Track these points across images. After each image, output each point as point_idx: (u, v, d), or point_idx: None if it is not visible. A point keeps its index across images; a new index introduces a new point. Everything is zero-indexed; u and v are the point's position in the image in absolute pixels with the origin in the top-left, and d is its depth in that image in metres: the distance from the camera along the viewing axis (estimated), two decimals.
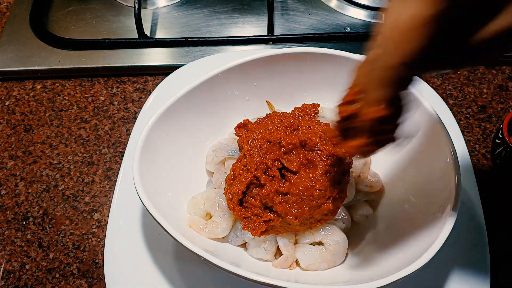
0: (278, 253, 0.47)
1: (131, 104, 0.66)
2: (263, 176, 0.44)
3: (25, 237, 0.55)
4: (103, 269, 0.49)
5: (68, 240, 0.55)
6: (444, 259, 0.48)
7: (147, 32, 0.71)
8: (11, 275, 0.53)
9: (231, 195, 0.45)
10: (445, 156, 0.44)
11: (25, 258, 0.54)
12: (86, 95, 0.67)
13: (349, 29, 0.71)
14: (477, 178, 0.53)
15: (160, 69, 0.68)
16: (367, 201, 0.51)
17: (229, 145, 0.51)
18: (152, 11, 0.75)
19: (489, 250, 0.49)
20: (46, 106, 0.66)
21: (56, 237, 0.55)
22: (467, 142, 0.55)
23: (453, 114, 0.58)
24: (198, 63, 0.64)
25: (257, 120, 0.51)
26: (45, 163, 0.61)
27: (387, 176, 0.52)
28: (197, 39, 0.69)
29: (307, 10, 0.74)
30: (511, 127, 0.54)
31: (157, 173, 0.47)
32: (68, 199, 0.58)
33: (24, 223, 0.56)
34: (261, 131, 0.47)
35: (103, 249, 0.50)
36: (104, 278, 0.49)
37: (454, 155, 0.43)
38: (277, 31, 0.71)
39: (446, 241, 0.39)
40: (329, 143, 0.45)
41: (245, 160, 0.45)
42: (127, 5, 0.75)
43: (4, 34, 0.71)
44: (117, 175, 0.55)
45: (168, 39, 0.70)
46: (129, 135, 0.61)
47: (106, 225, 0.53)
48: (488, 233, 0.50)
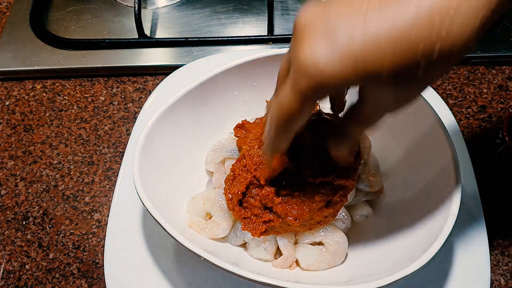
0: (278, 253, 0.47)
1: (131, 104, 0.66)
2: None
3: (25, 237, 0.55)
4: (103, 269, 0.49)
5: (68, 240, 0.55)
6: (444, 259, 0.48)
7: (147, 32, 0.71)
8: (11, 275, 0.53)
9: (230, 196, 0.45)
10: (445, 156, 0.44)
11: (25, 258, 0.54)
12: (86, 95, 0.67)
13: None
14: (477, 178, 0.53)
15: (160, 69, 0.68)
16: (367, 201, 0.51)
17: (229, 145, 0.51)
18: (152, 11, 0.75)
19: (489, 250, 0.49)
20: (46, 106, 0.66)
21: (56, 237, 0.55)
22: (467, 142, 0.55)
23: (453, 114, 0.58)
24: (198, 63, 0.64)
25: (255, 120, 0.51)
26: (45, 163, 0.61)
27: (387, 176, 0.52)
28: (197, 39, 0.69)
29: None
30: (511, 127, 0.54)
31: (157, 173, 0.47)
32: (68, 199, 0.58)
33: (24, 223, 0.56)
34: (260, 131, 0.47)
35: (103, 249, 0.50)
36: (104, 278, 0.49)
37: (454, 155, 0.43)
38: (277, 31, 0.71)
39: (446, 241, 0.39)
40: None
41: (245, 160, 0.45)
42: (127, 5, 0.75)
43: (4, 34, 0.71)
44: (117, 175, 0.55)
45: (168, 39, 0.70)
46: (129, 135, 0.61)
47: (106, 225, 0.53)
48: (488, 233, 0.50)
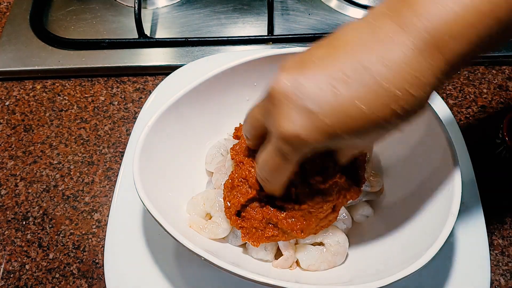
0: (278, 253, 0.47)
1: (131, 104, 0.66)
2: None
3: (25, 237, 0.55)
4: (103, 269, 0.49)
5: (68, 240, 0.55)
6: (444, 259, 0.48)
7: (147, 32, 0.71)
8: (11, 275, 0.53)
9: (229, 204, 0.44)
10: (445, 156, 0.44)
11: (25, 258, 0.54)
12: (86, 95, 0.67)
13: None
14: (477, 178, 0.53)
15: (160, 69, 0.68)
16: (367, 201, 0.51)
17: (229, 145, 0.51)
18: (152, 11, 0.75)
19: (489, 250, 0.49)
20: (46, 106, 0.66)
21: (56, 237, 0.55)
22: (467, 142, 0.55)
23: (453, 114, 0.58)
24: (198, 63, 0.64)
25: None
26: (45, 163, 0.61)
27: (387, 176, 0.52)
28: (197, 39, 0.69)
29: (307, 10, 0.74)
30: (511, 127, 0.54)
31: (157, 173, 0.47)
32: (68, 199, 0.58)
33: (24, 223, 0.56)
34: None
35: (103, 249, 0.50)
36: (104, 278, 0.49)
37: (454, 155, 0.43)
38: (277, 31, 0.71)
39: (446, 241, 0.39)
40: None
41: (244, 172, 0.43)
42: (127, 5, 0.75)
43: (4, 34, 0.71)
44: (117, 175, 0.55)
45: (168, 39, 0.70)
46: (129, 135, 0.61)
47: (106, 225, 0.53)
48: (488, 233, 0.50)
